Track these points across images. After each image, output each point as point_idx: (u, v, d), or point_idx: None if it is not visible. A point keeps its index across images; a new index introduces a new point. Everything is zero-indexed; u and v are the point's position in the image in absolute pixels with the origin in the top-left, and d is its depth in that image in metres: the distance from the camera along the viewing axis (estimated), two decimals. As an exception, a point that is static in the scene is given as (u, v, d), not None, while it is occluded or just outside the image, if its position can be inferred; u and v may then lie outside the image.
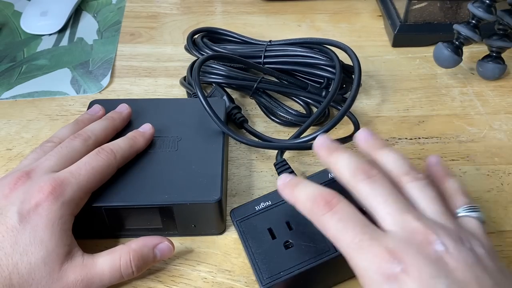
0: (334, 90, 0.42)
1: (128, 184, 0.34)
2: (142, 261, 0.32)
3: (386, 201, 0.26)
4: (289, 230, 0.32)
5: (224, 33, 0.52)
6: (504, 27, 0.48)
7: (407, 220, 0.25)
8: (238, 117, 0.44)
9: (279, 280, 0.30)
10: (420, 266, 0.23)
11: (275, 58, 0.47)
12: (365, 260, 0.24)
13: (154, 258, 0.32)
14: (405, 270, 0.23)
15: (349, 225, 0.25)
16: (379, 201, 0.26)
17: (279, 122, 0.46)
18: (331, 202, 0.26)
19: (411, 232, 0.25)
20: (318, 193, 0.27)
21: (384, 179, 0.27)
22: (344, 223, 0.25)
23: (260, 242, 0.32)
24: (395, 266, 0.23)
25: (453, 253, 0.24)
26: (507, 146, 0.44)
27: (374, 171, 0.27)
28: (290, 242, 0.32)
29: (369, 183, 0.27)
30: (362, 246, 0.24)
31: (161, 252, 0.33)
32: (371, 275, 0.24)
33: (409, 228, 0.25)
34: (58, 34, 0.58)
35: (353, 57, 0.43)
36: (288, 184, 0.29)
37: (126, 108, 0.39)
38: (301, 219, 0.29)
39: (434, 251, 0.24)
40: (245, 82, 0.45)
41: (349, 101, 0.40)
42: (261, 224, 0.33)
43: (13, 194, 0.30)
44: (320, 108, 0.42)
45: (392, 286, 0.23)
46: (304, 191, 0.28)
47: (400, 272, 0.23)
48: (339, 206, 0.26)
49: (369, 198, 0.26)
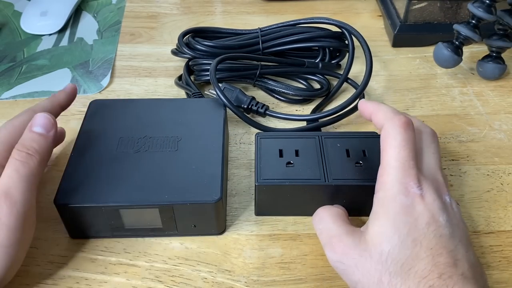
0: (351, 62, 0.48)
1: (128, 184, 0.34)
2: (27, 142, 0.32)
3: (434, 153, 0.33)
4: (296, 156, 0.37)
5: (212, 30, 0.52)
6: (504, 27, 0.48)
7: (438, 173, 0.32)
8: (261, 106, 0.45)
9: (270, 184, 0.35)
10: (434, 198, 0.30)
11: (273, 41, 0.49)
12: (400, 174, 0.30)
13: (37, 133, 0.32)
14: (422, 195, 0.30)
15: (409, 147, 0.31)
16: (431, 150, 0.33)
17: (288, 101, 0.48)
18: (410, 125, 0.31)
19: (436, 181, 0.31)
20: (403, 114, 0.32)
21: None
22: (408, 143, 0.31)
23: (269, 155, 0.37)
24: (418, 189, 0.30)
25: (454, 208, 0.31)
26: (507, 146, 0.44)
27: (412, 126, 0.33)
28: (292, 163, 0.36)
29: (432, 134, 0.34)
30: (406, 165, 0.30)
31: (40, 125, 0.33)
32: (395, 185, 0.30)
33: (437, 177, 0.31)
34: (58, 34, 0.58)
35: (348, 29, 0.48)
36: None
37: (70, 86, 0.39)
38: (308, 152, 0.37)
39: (445, 199, 0.31)
40: (247, 72, 0.47)
41: (365, 80, 0.45)
42: (275, 144, 0.38)
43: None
44: (341, 78, 0.48)
45: (407, 199, 0.29)
46: (390, 107, 0.34)
47: (419, 194, 0.29)
48: (412, 132, 0.32)
49: (427, 141, 0.33)
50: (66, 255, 0.33)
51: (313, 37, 0.48)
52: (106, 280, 0.34)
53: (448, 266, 0.27)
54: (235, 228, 0.37)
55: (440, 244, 0.28)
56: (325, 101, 0.48)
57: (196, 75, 0.48)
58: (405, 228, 0.28)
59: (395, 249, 0.28)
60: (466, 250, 0.29)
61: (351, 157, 0.37)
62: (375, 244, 0.29)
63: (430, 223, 0.29)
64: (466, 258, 0.28)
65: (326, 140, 0.38)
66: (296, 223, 0.37)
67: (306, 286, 0.33)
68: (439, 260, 0.27)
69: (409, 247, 0.28)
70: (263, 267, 0.35)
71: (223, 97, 0.41)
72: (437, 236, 0.28)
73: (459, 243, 0.29)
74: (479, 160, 0.43)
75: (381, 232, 0.29)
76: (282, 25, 0.50)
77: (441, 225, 0.29)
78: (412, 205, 0.29)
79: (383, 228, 0.29)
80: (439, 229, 0.28)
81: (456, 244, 0.28)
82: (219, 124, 0.39)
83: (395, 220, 0.29)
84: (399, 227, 0.28)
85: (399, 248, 0.28)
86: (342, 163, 0.36)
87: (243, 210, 0.38)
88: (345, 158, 0.37)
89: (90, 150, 0.36)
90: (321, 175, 0.35)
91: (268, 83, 0.48)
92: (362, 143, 0.37)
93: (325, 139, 0.38)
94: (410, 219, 0.29)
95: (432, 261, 0.27)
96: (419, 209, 0.29)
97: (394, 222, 0.29)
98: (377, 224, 0.29)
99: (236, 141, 0.44)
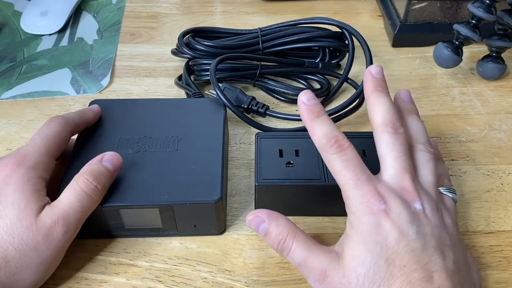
0: (351, 62, 0.48)
1: (128, 184, 0.34)
2: (97, 174, 0.33)
3: (397, 157, 0.30)
4: (295, 156, 0.37)
5: (212, 30, 0.52)
6: (504, 27, 0.48)
7: (404, 178, 0.30)
8: (261, 105, 0.45)
9: (270, 184, 0.35)
10: (400, 211, 0.29)
11: (273, 41, 0.49)
12: (357, 195, 0.29)
13: (106, 169, 0.33)
14: (387, 210, 0.28)
15: (352, 166, 0.30)
16: (392, 154, 0.31)
17: (288, 101, 0.48)
18: (342, 146, 0.30)
19: (402, 188, 0.30)
20: (333, 134, 0.30)
21: (405, 139, 0.31)
22: (349, 163, 0.30)
23: (269, 155, 0.37)
24: (381, 205, 0.29)
25: (427, 214, 0.29)
26: (507, 146, 0.44)
27: (401, 129, 0.31)
28: (292, 163, 0.36)
29: (393, 137, 0.31)
30: (358, 183, 0.29)
31: (110, 162, 0.34)
32: (358, 206, 0.29)
33: (402, 184, 0.30)
34: (58, 34, 0.58)
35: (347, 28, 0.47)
36: (309, 109, 0.31)
37: (97, 107, 0.40)
38: (308, 152, 0.37)
39: (414, 207, 0.29)
40: (247, 71, 0.47)
41: None
42: (275, 144, 0.38)
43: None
44: (341, 78, 0.48)
45: (373, 218, 0.28)
46: (322, 128, 0.31)
47: (383, 210, 0.28)
48: (348, 150, 0.30)
49: (387, 148, 0.31)
50: (66, 255, 0.33)
51: (313, 37, 0.48)
52: (106, 280, 0.34)
53: (424, 281, 0.27)
54: (235, 228, 0.37)
55: (413, 259, 0.27)
56: (325, 101, 0.48)
57: (196, 75, 0.48)
58: (376, 248, 0.28)
59: (370, 271, 0.27)
60: (444, 258, 0.28)
61: None
62: (350, 268, 0.28)
63: (400, 240, 0.28)
64: (444, 267, 0.27)
65: None
66: (296, 223, 0.37)
67: (306, 286, 0.33)
68: (413, 276, 0.27)
69: (383, 267, 0.27)
70: (263, 267, 0.35)
71: (223, 97, 0.41)
72: (409, 252, 0.27)
73: (434, 253, 0.28)
74: (479, 160, 0.43)
75: (354, 255, 0.28)
76: (282, 25, 0.50)
77: (411, 239, 0.28)
78: (379, 224, 0.28)
79: (356, 251, 0.28)
80: (410, 243, 0.28)
81: (431, 255, 0.28)
82: (219, 124, 0.39)
83: (366, 241, 0.28)
84: (371, 248, 0.28)
85: (373, 270, 0.27)
86: None
87: (243, 210, 0.38)
88: None
89: (90, 150, 0.36)
90: (321, 175, 0.35)
91: (268, 83, 0.48)
92: (361, 143, 0.37)
93: None
94: (380, 238, 0.28)
95: (406, 279, 0.27)
96: (387, 227, 0.28)
97: (365, 244, 0.28)
98: (350, 247, 0.29)
99: (236, 141, 0.44)
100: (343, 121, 0.45)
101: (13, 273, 0.29)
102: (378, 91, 0.33)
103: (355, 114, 0.46)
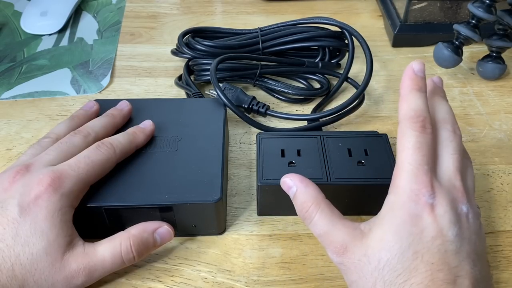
0: (351, 62, 0.48)
1: (128, 184, 0.34)
2: (142, 245, 0.32)
3: (453, 154, 0.30)
4: (297, 156, 0.37)
5: (212, 30, 0.52)
6: (504, 27, 0.48)
7: (457, 178, 0.29)
8: (261, 105, 0.45)
9: (273, 184, 0.35)
10: (446, 210, 0.28)
11: (273, 41, 0.49)
12: (412, 180, 0.28)
13: (154, 242, 0.33)
14: (433, 206, 0.28)
15: (423, 151, 0.29)
16: (448, 150, 0.30)
17: (289, 101, 0.48)
18: (426, 128, 0.29)
19: (454, 187, 0.29)
20: (424, 113, 0.30)
21: (460, 141, 0.31)
22: (422, 146, 0.29)
23: (271, 155, 0.37)
24: (429, 199, 0.28)
25: (470, 219, 0.29)
26: (507, 146, 0.44)
27: (459, 131, 0.31)
28: (294, 163, 0.36)
29: (453, 136, 0.31)
30: (419, 169, 0.28)
31: (161, 236, 0.33)
32: (407, 191, 0.28)
33: (454, 183, 0.29)
34: (58, 34, 0.58)
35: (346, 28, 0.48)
36: (415, 78, 0.30)
37: (127, 105, 0.39)
38: (310, 151, 0.37)
39: (461, 208, 0.29)
40: (247, 71, 0.47)
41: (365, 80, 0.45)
42: (277, 144, 0.38)
43: (13, 187, 0.30)
44: (341, 78, 0.48)
45: (416, 208, 0.28)
46: (417, 102, 0.30)
47: (430, 204, 0.28)
48: (429, 136, 0.29)
49: (442, 144, 0.30)
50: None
51: (313, 37, 0.48)
52: (106, 280, 0.34)
53: (446, 282, 0.26)
54: (235, 228, 0.37)
55: (443, 259, 0.27)
56: (325, 101, 0.48)
57: (196, 75, 0.48)
58: (409, 239, 0.27)
59: (394, 258, 0.27)
60: (473, 266, 0.27)
61: (353, 156, 0.37)
62: (374, 250, 0.28)
63: (436, 237, 0.27)
64: (471, 274, 0.27)
65: (328, 139, 0.38)
66: (296, 223, 0.37)
67: (306, 286, 0.33)
68: (438, 276, 0.26)
69: (409, 259, 0.27)
70: (263, 267, 0.35)
71: (224, 97, 0.41)
72: (441, 251, 0.27)
73: (465, 259, 0.27)
74: (479, 160, 0.43)
75: (383, 239, 0.28)
76: (282, 25, 0.50)
77: (448, 240, 0.27)
78: (420, 216, 0.28)
79: (385, 236, 0.28)
80: (445, 244, 0.27)
81: (462, 260, 0.27)
82: (219, 124, 0.39)
83: (400, 229, 0.28)
84: (402, 237, 0.27)
85: (398, 258, 0.27)
86: (344, 162, 0.36)
87: (243, 210, 0.38)
88: (347, 157, 0.36)
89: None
90: (323, 175, 0.35)
91: (268, 82, 0.48)
92: (363, 142, 0.37)
93: (327, 138, 0.38)
94: (416, 230, 0.27)
95: (430, 276, 0.26)
96: (427, 221, 0.27)
97: (398, 231, 0.28)
98: (380, 229, 0.28)
99: (236, 141, 0.44)
100: (343, 121, 0.45)
101: None
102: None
103: (355, 114, 0.46)
